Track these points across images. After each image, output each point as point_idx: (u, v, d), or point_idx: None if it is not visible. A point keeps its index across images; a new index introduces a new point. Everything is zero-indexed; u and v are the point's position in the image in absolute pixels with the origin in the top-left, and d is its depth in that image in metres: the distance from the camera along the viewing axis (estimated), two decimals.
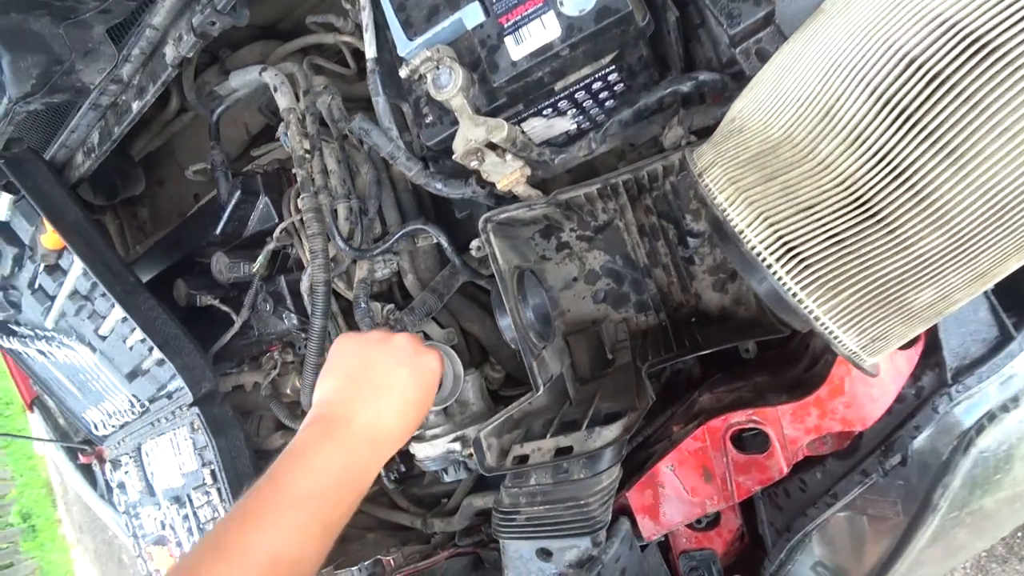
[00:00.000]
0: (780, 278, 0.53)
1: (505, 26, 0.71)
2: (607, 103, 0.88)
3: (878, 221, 0.49)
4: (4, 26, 0.79)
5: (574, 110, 0.86)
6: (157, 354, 1.07)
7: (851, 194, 0.51)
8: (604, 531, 0.81)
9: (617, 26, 0.68)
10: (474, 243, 0.89)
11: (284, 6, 1.31)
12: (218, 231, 1.10)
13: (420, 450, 1.06)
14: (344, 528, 0.64)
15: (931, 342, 0.71)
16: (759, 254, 0.54)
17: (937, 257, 0.49)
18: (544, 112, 0.83)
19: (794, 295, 0.54)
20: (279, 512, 0.56)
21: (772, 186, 0.54)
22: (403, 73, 0.74)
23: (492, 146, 0.73)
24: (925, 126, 0.46)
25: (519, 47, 0.70)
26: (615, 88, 0.84)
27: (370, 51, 0.81)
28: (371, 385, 0.70)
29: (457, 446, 1.03)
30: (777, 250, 0.54)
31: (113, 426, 1.36)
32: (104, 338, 1.15)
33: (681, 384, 1.07)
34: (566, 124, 0.89)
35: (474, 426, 1.06)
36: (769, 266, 0.53)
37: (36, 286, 1.19)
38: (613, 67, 0.77)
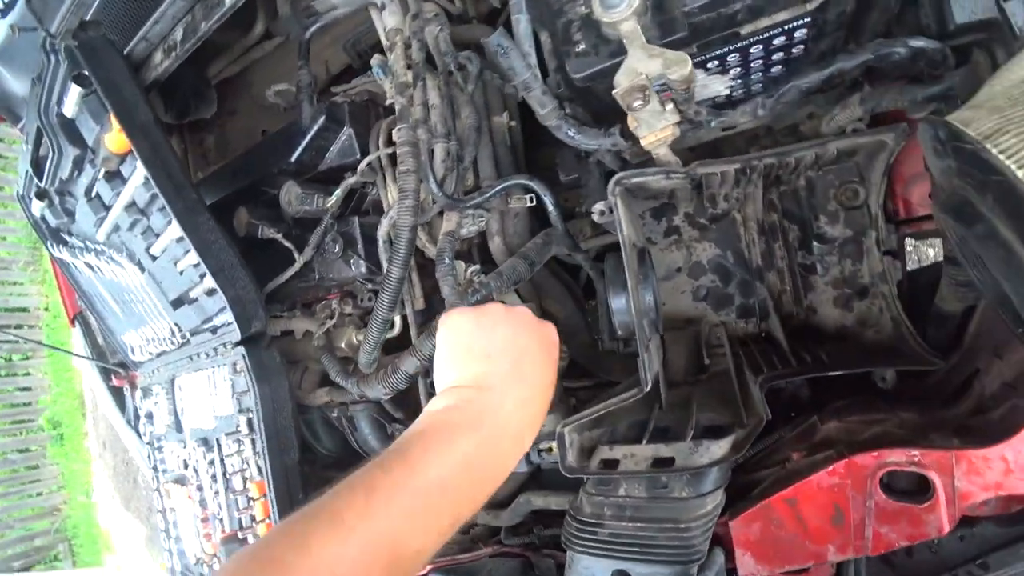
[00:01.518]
0: None
1: None
2: (773, 68, 0.70)
3: None
4: None
5: (738, 69, 0.68)
6: (208, 283, 0.92)
7: None
8: (699, 565, 0.65)
9: None
10: (598, 206, 0.73)
11: None
12: (293, 158, 0.95)
13: None
14: None
15: None
16: None
17: None
18: (709, 64, 0.65)
19: None
20: (412, 498, 0.48)
21: None
22: None
23: (665, 84, 0.56)
24: None
25: None
26: (793, 49, 0.66)
27: None
28: (510, 370, 0.61)
29: None
30: None
31: (150, 353, 1.21)
32: (155, 258, 1.01)
33: (782, 404, 0.90)
34: (720, 86, 0.72)
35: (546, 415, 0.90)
36: None
37: (93, 193, 1.04)
38: (808, 19, 0.60)
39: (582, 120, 0.69)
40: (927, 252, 0.91)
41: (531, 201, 0.88)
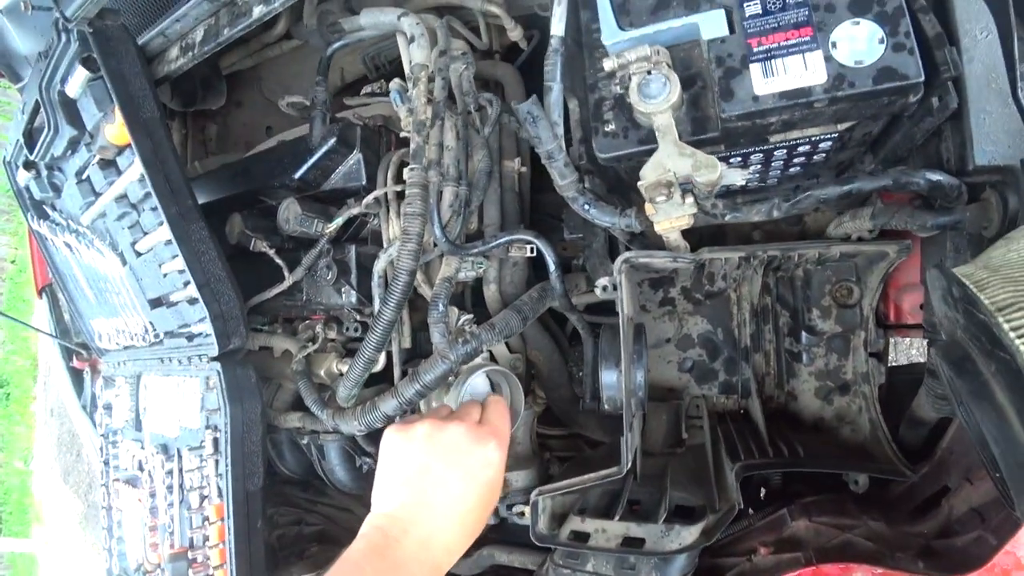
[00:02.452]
0: None
1: (755, 50, 0.53)
2: (792, 168, 0.71)
3: None
4: None
5: (758, 166, 0.69)
6: (191, 291, 0.88)
7: None
8: None
9: (893, 93, 0.51)
10: (602, 281, 0.72)
11: None
12: (297, 175, 0.91)
13: None
14: (328, 526, 0.61)
15: None
16: None
17: None
18: (732, 160, 0.65)
19: None
20: None
21: None
22: (608, 65, 0.56)
23: (692, 185, 0.55)
24: None
25: (767, 81, 0.52)
26: (814, 156, 0.67)
27: (558, 27, 0.64)
28: (425, 495, 0.61)
29: None
30: None
31: (118, 344, 1.16)
32: (139, 254, 0.96)
33: (755, 485, 0.90)
34: (737, 178, 0.72)
35: (516, 471, 0.88)
36: None
37: (84, 176, 0.99)
38: (837, 135, 0.61)
39: (598, 194, 0.68)
40: (911, 352, 0.93)
41: (532, 252, 0.87)
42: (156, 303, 0.98)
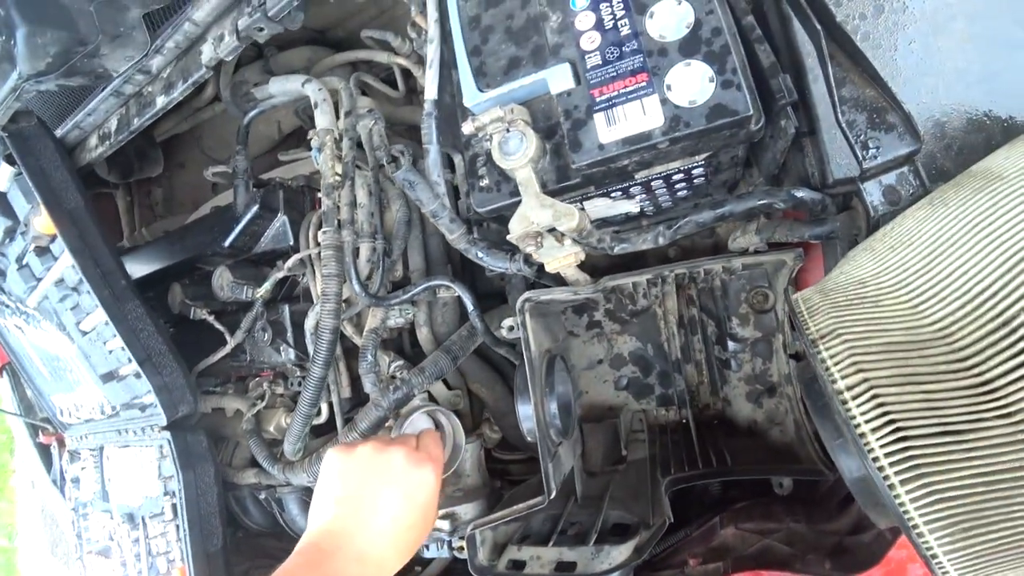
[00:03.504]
0: (902, 504, 0.40)
1: (597, 100, 0.57)
2: (679, 192, 0.75)
3: None
4: None
5: (643, 195, 0.73)
6: (135, 366, 0.92)
7: (1016, 426, 0.38)
8: None
9: (730, 128, 0.55)
10: (506, 322, 0.76)
11: (339, 13, 1.17)
12: (227, 243, 0.96)
13: None
14: None
15: None
16: (882, 469, 0.40)
17: None
18: (613, 195, 0.69)
19: (914, 526, 0.40)
20: None
21: (913, 392, 0.41)
22: (467, 129, 0.60)
23: (556, 230, 0.59)
24: None
25: (610, 128, 0.57)
26: (694, 181, 0.71)
27: (430, 91, 0.68)
28: (361, 511, 0.62)
29: (445, 524, 0.89)
30: (905, 471, 0.41)
31: (78, 418, 1.20)
32: (85, 333, 1.00)
33: (695, 496, 0.94)
34: (629, 206, 0.76)
35: (466, 503, 0.92)
36: (892, 486, 0.40)
37: (24, 263, 1.04)
38: (703, 163, 0.65)
39: (493, 241, 0.72)
40: None
41: (449, 292, 0.91)
42: (107, 377, 1.02)
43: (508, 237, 0.59)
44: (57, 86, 0.73)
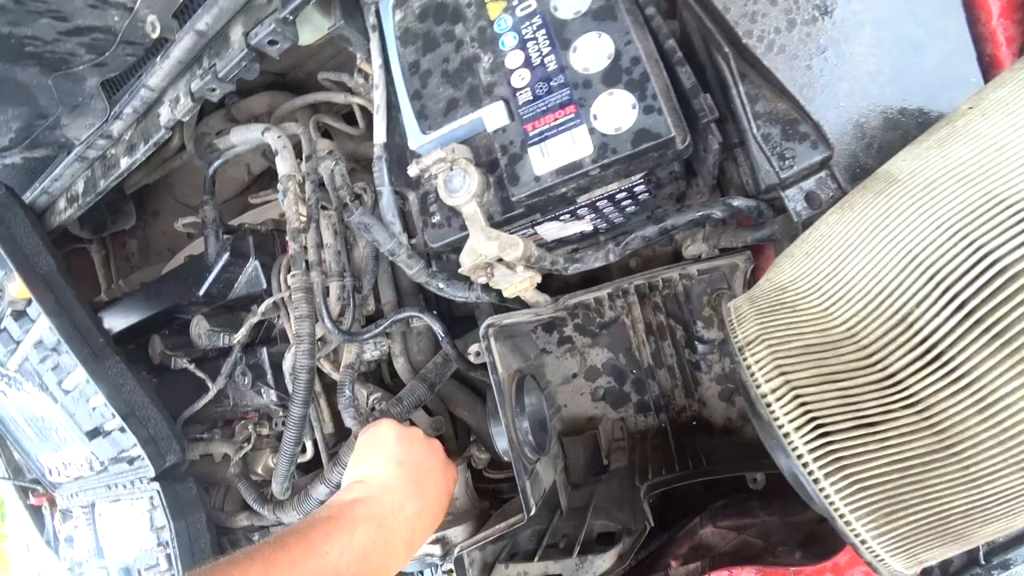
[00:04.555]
0: (828, 496, 0.44)
1: (530, 134, 0.62)
2: (627, 209, 0.79)
3: (953, 453, 0.40)
4: None
5: (593, 215, 0.77)
6: (119, 420, 0.95)
7: (924, 419, 0.42)
8: None
9: (656, 150, 0.59)
10: (473, 348, 0.80)
11: (296, 56, 1.22)
12: (201, 292, 0.99)
13: None
14: None
15: None
16: (807, 465, 0.44)
17: (1016, 495, 0.41)
18: (562, 218, 0.74)
19: (841, 516, 0.44)
20: None
21: (829, 390, 0.45)
22: (412, 172, 0.64)
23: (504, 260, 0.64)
24: (1022, 357, 0.38)
25: (544, 160, 0.61)
26: (639, 197, 0.75)
27: (379, 136, 0.72)
28: (419, 483, 0.69)
29: (436, 549, 0.91)
30: (828, 464, 0.45)
31: (68, 477, 1.22)
32: (67, 392, 1.03)
33: (680, 498, 0.97)
34: (582, 226, 0.80)
35: (456, 526, 0.95)
36: (817, 480, 0.44)
37: (1, 327, 1.07)
38: (642, 181, 0.69)
39: (453, 272, 0.76)
40: None
41: (419, 322, 0.95)
42: (93, 434, 1.06)
43: (460, 270, 0.63)
44: (22, 159, 0.77)
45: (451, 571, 0.87)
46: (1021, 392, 0.39)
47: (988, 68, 0.64)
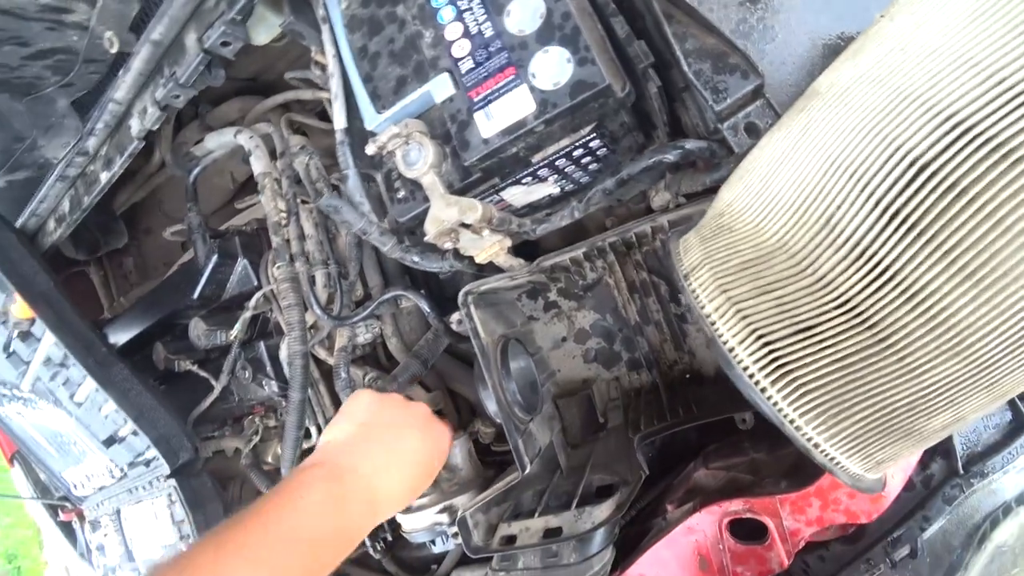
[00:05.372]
0: (775, 403, 0.48)
1: (475, 100, 0.66)
2: (590, 167, 0.83)
3: (887, 347, 0.44)
4: None
5: (555, 176, 0.81)
6: (131, 425, 1.02)
7: (856, 317, 0.45)
8: None
9: (594, 99, 0.63)
10: (454, 316, 0.85)
11: (264, 60, 1.27)
12: (195, 295, 1.06)
13: (406, 522, 1.00)
14: None
15: None
16: (752, 375, 0.48)
17: (954, 384, 0.44)
18: (523, 181, 0.78)
19: (791, 421, 0.48)
20: (258, 549, 0.51)
21: (767, 300, 0.49)
22: (370, 150, 0.69)
23: (467, 224, 0.68)
24: (940, 244, 0.41)
25: (490, 123, 0.65)
26: (598, 153, 0.79)
27: (339, 122, 0.77)
28: (381, 440, 0.68)
29: (444, 517, 0.97)
30: (772, 372, 0.49)
31: (92, 488, 1.30)
32: (80, 404, 1.11)
33: (677, 449, 1.01)
34: (548, 189, 0.84)
35: (462, 495, 1.00)
36: (763, 389, 0.48)
37: (11, 350, 1.15)
38: (594, 135, 0.73)
39: (425, 245, 0.80)
40: None
41: (406, 301, 1.00)
42: (109, 441, 1.13)
43: (425, 238, 0.68)
44: (5, 182, 0.83)
45: (456, 533, 0.92)
46: (942, 280, 0.42)
47: None
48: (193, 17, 0.72)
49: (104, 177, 0.91)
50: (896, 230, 0.43)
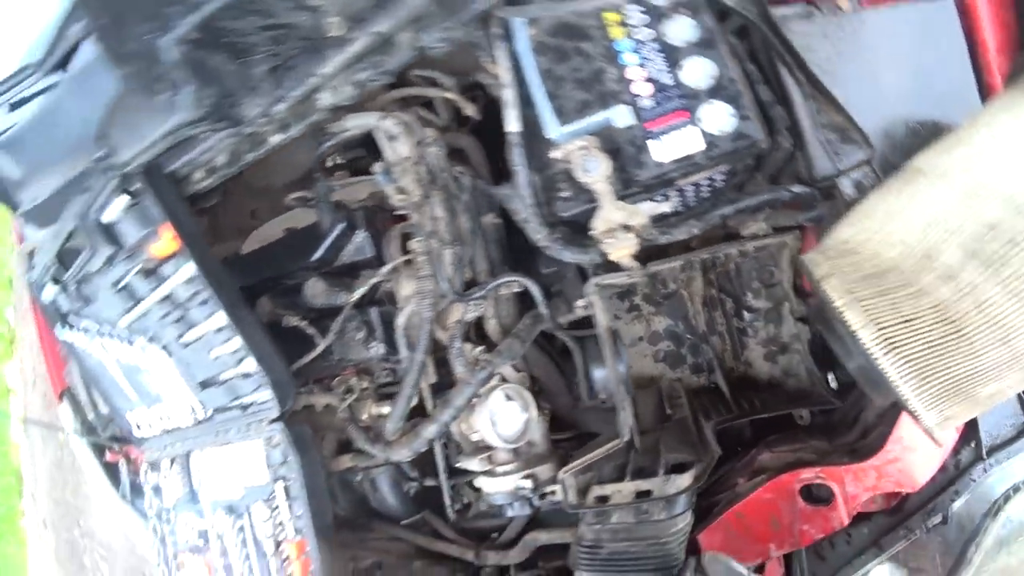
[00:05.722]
0: (884, 370, 0.68)
1: (651, 131, 0.85)
2: (703, 193, 1.03)
3: (960, 337, 0.65)
4: (194, 58, 0.89)
5: (677, 198, 1.00)
6: (244, 367, 1.13)
7: (941, 315, 0.67)
8: (679, 569, 0.92)
9: (748, 147, 0.83)
10: (580, 302, 1.01)
11: None
12: (316, 257, 1.19)
13: (490, 484, 1.15)
14: (382, 556, 0.65)
15: (970, 423, 0.88)
16: (869, 350, 0.68)
17: (999, 364, 0.65)
18: (656, 198, 0.97)
19: (894, 383, 0.68)
20: None
21: (883, 301, 0.69)
22: (556, 155, 0.87)
23: (628, 226, 0.86)
24: (1001, 279, 0.63)
25: (662, 151, 0.84)
26: (716, 184, 0.99)
27: (515, 126, 0.94)
28: None
29: (528, 483, 1.12)
30: (883, 347, 0.68)
31: (159, 429, 1.38)
32: (187, 345, 1.20)
33: (731, 441, 1.20)
34: (665, 208, 1.03)
35: (541, 465, 1.16)
36: (876, 359, 0.68)
37: (122, 285, 1.23)
38: (724, 174, 0.93)
39: (566, 239, 0.98)
40: None
41: (519, 287, 1.16)
42: (206, 384, 1.23)
43: (592, 232, 0.85)
44: (202, 130, 0.96)
45: (552, 492, 1.08)
46: (998, 297, 0.63)
47: (986, 92, 0.90)
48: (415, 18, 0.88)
49: (274, 140, 1.04)
50: (972, 265, 0.64)
